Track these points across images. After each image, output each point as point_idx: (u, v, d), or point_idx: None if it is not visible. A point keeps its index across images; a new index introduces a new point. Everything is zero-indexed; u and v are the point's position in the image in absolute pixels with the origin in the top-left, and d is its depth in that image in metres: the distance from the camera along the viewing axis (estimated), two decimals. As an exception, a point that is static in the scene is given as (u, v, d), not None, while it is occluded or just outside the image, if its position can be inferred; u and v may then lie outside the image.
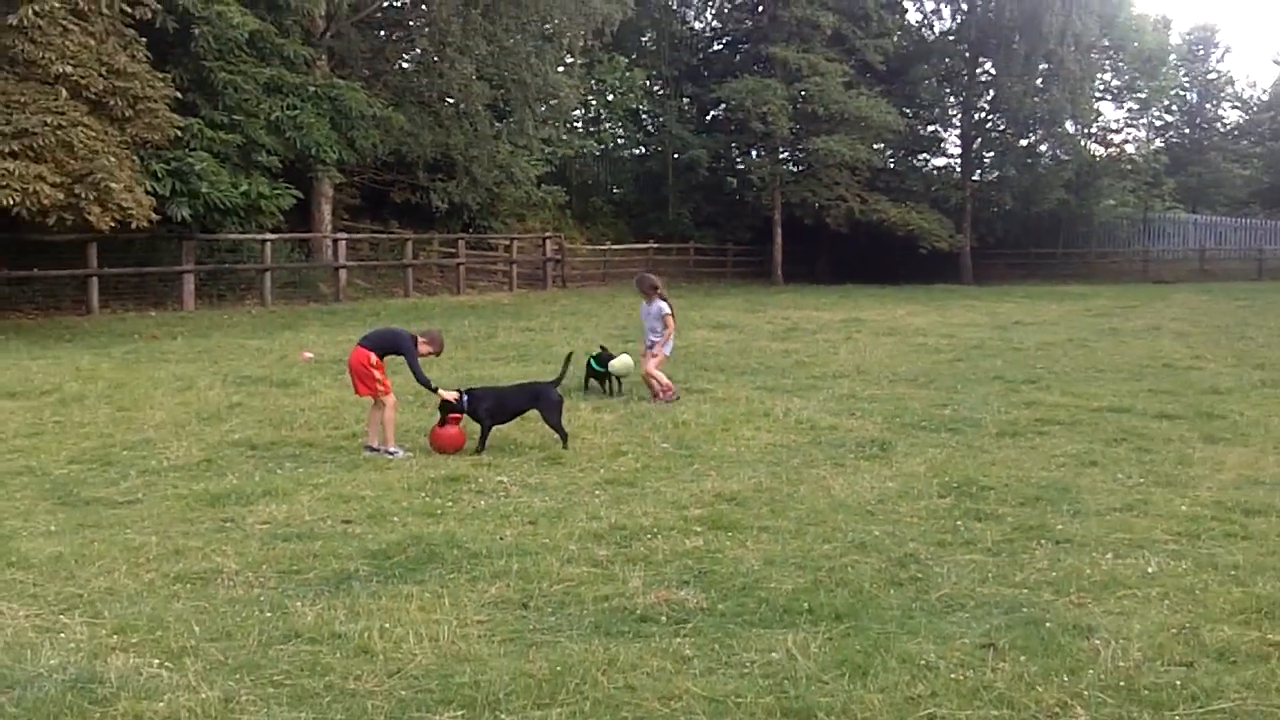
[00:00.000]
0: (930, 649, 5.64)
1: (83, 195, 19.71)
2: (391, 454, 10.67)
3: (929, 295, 37.23)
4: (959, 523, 8.22)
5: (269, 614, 6.24)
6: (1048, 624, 5.96)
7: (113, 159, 20.24)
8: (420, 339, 11.17)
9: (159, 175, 23.50)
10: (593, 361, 14.60)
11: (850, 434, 11.78)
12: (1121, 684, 5.21)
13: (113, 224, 20.55)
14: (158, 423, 12.20)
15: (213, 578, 6.95)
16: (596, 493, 9.30)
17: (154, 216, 21.64)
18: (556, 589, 6.71)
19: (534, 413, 11.39)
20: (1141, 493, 9.14)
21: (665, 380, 13.98)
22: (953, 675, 5.33)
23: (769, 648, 5.71)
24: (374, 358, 10.93)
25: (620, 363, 14.39)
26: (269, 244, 28.20)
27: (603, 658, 5.52)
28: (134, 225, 20.96)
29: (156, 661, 5.52)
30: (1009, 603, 6.40)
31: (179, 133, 23.22)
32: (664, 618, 6.19)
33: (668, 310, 14.29)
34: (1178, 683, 5.20)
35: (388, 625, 6.02)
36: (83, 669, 5.39)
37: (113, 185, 19.94)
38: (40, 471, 10.01)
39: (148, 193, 21.83)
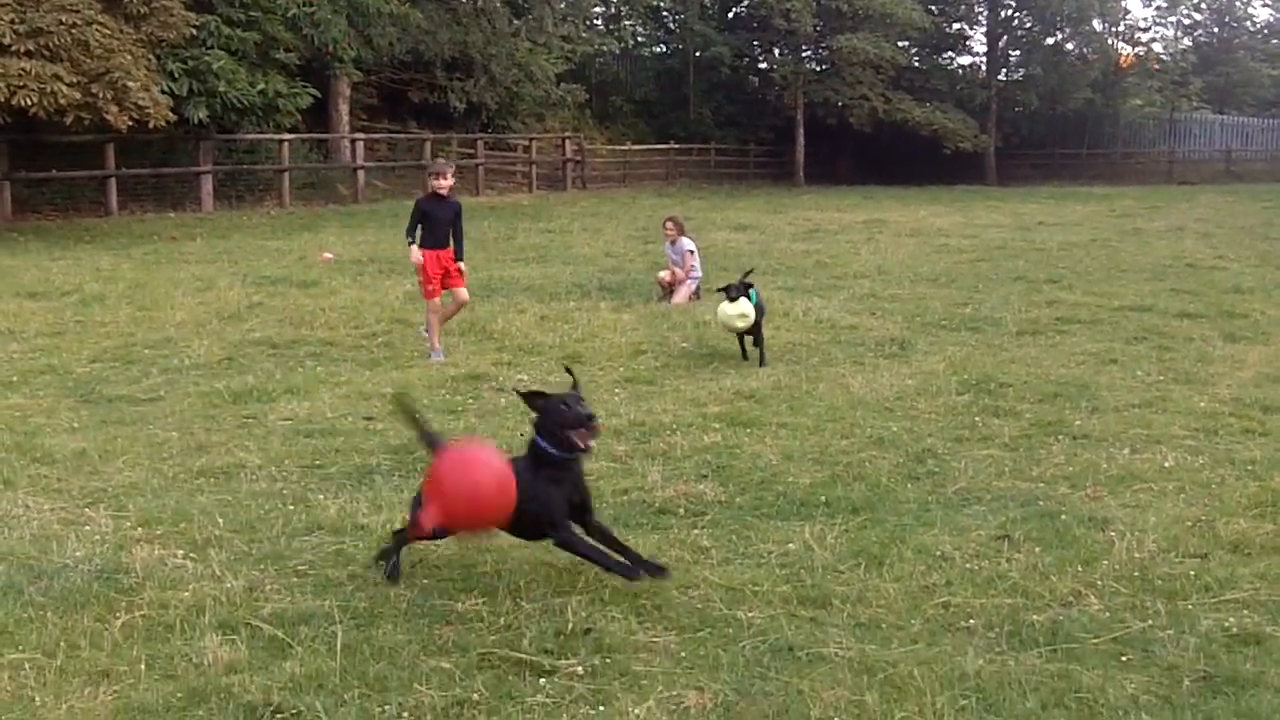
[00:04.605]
0: (946, 540, 5.68)
1: (99, 95, 19.59)
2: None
3: (952, 196, 36.95)
4: (977, 419, 8.23)
5: (292, 507, 6.32)
6: (1063, 516, 5.99)
7: (129, 57, 20.10)
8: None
9: (175, 75, 23.33)
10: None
11: (870, 333, 11.76)
12: (1135, 574, 5.25)
13: (130, 123, 20.43)
14: (178, 322, 12.26)
15: (235, 472, 7.02)
16: (616, 391, 9.34)
17: (171, 117, 21.52)
18: (576, 483, 6.76)
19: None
20: (1160, 390, 9.13)
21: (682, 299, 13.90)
22: (968, 565, 5.37)
23: (786, 539, 5.76)
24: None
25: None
26: (286, 144, 28.07)
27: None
28: (151, 125, 20.84)
29: (181, 553, 5.59)
30: (1025, 496, 6.43)
31: (195, 31, 23.00)
32: (682, 510, 6.24)
33: (690, 247, 14.31)
34: (1191, 573, 5.23)
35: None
36: (108, 560, 5.47)
37: (130, 84, 19.82)
38: (63, 370, 10.08)
39: (164, 92, 21.68)
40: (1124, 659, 4.45)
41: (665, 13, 51.88)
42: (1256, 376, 9.65)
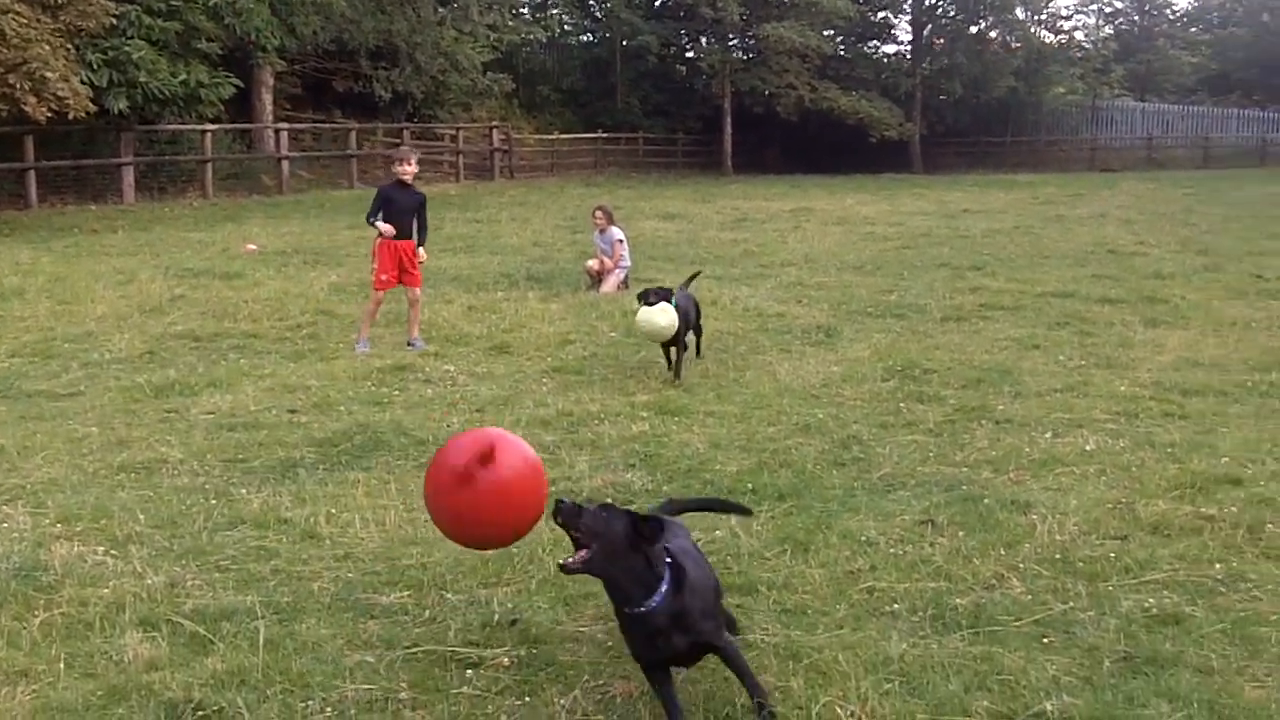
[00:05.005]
0: (871, 526, 5.73)
1: (17, 85, 19.19)
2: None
3: (878, 184, 37.16)
4: (902, 405, 8.30)
5: (214, 501, 6.25)
6: (986, 500, 6.07)
7: (46, 47, 19.66)
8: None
9: (95, 65, 22.90)
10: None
11: (797, 321, 11.83)
12: (1057, 556, 5.32)
13: (49, 115, 20.04)
14: (99, 316, 12.06)
15: (157, 467, 6.93)
16: (544, 381, 9.32)
17: (91, 107, 21.11)
18: (503, 474, 6.72)
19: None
20: (1082, 374, 9.27)
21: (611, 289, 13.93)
22: (892, 550, 5.43)
23: (712, 527, 5.77)
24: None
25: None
26: (209, 135, 27.61)
27: (548, 539, 5.55)
28: (71, 116, 20.45)
29: (101, 549, 5.51)
30: (949, 481, 6.50)
31: (115, 20, 22.56)
32: (609, 499, 6.22)
33: (619, 236, 14.34)
34: (1112, 555, 5.31)
35: (334, 511, 6.04)
36: (27, 558, 5.37)
37: (48, 75, 19.42)
38: (-20, 365, 9.89)
39: (83, 82, 21.28)
40: (1046, 641, 4.51)
41: (592, 1, 51.68)
42: (1176, 360, 9.81)
